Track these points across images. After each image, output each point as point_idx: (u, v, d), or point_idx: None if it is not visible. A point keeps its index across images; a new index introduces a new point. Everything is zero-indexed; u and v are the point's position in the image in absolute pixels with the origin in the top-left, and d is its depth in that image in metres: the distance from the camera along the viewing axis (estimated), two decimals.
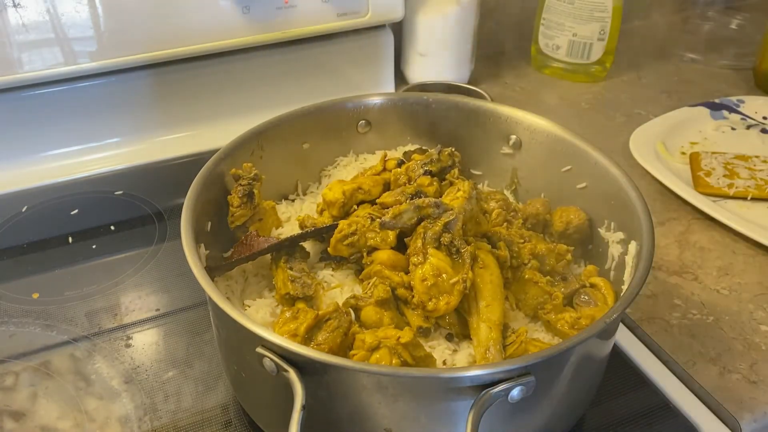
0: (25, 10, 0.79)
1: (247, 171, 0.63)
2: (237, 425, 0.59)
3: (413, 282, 0.55)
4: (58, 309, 0.70)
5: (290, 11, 0.91)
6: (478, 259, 0.56)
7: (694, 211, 0.84)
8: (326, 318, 0.53)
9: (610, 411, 0.61)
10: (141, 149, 0.94)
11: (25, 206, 0.84)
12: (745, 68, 1.19)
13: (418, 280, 0.54)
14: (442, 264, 0.54)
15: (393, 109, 0.74)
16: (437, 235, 0.56)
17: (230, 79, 0.96)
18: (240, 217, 0.63)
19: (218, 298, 0.48)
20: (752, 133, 1.00)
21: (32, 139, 0.89)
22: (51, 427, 0.59)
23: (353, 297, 0.56)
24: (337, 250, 0.60)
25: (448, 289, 0.54)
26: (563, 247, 0.62)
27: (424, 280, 0.54)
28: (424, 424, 0.47)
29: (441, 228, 0.56)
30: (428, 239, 0.56)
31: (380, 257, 0.58)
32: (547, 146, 0.68)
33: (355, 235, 0.59)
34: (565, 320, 0.56)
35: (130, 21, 0.84)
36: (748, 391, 0.63)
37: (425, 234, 0.56)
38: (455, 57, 1.07)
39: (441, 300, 0.54)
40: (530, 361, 0.45)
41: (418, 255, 0.56)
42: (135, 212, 0.84)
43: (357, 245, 0.59)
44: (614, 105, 1.08)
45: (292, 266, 0.59)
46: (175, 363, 0.65)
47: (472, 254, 0.55)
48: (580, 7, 1.06)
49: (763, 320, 0.70)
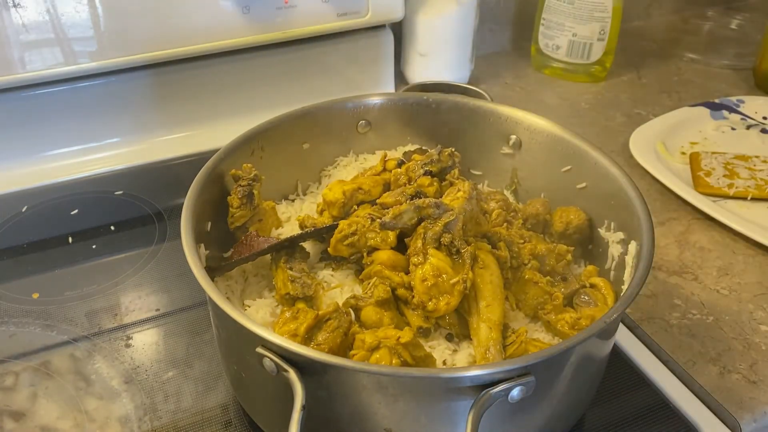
0: (25, 10, 0.79)
1: (247, 172, 0.63)
2: (237, 425, 0.59)
3: (413, 282, 0.55)
4: (58, 309, 0.70)
5: (290, 11, 0.91)
6: (478, 259, 0.56)
7: (694, 211, 0.84)
8: (326, 318, 0.53)
9: (610, 411, 0.61)
10: (141, 149, 0.94)
11: (25, 206, 0.84)
12: (745, 68, 1.19)
13: (418, 281, 0.54)
14: (442, 264, 0.54)
15: (393, 109, 0.74)
16: (437, 235, 0.56)
17: (230, 79, 0.96)
18: (240, 218, 0.63)
19: (218, 298, 0.48)
20: (752, 133, 1.00)
21: (32, 139, 0.89)
22: (51, 427, 0.59)
23: (353, 297, 0.56)
24: (337, 251, 0.60)
25: (448, 290, 0.54)
26: (563, 247, 0.62)
27: (424, 280, 0.54)
28: (424, 424, 0.47)
29: (441, 228, 0.56)
30: (428, 239, 0.56)
31: (380, 257, 0.58)
32: (547, 146, 0.68)
33: (355, 236, 0.59)
34: (566, 321, 0.56)
35: (130, 21, 0.84)
36: (748, 391, 0.63)
37: (425, 234, 0.56)
38: (455, 57, 1.07)
39: (441, 300, 0.54)
40: (530, 361, 0.45)
41: (418, 255, 0.56)
42: (135, 212, 0.84)
43: (357, 245, 0.59)
44: (614, 105, 1.08)
45: (292, 266, 0.59)
46: (175, 363, 0.65)
47: (472, 254, 0.55)
48: (580, 7, 1.06)
49: (763, 320, 0.70)
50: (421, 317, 0.55)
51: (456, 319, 0.56)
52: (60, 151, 0.91)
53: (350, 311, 0.55)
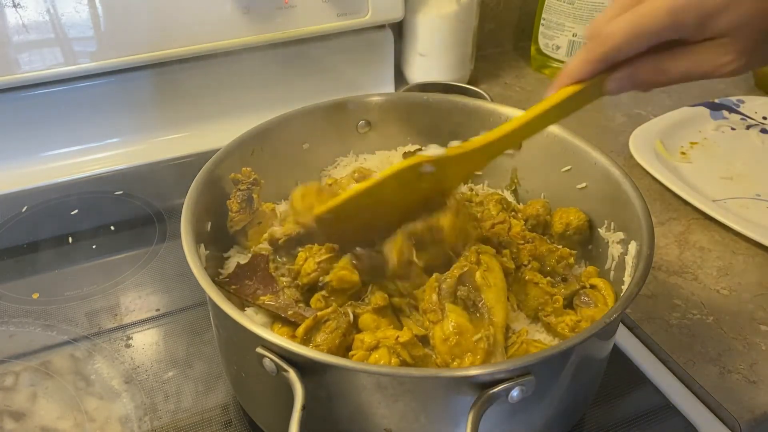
0: (25, 10, 0.79)
1: (246, 175, 0.63)
2: (237, 425, 0.59)
3: (433, 341, 0.52)
4: (58, 309, 0.70)
5: (290, 11, 0.91)
6: (481, 261, 0.55)
7: (694, 211, 0.84)
8: (325, 319, 0.52)
9: (610, 411, 0.61)
10: (141, 149, 0.94)
11: (25, 206, 0.84)
12: None
13: (439, 340, 0.52)
14: (462, 320, 0.52)
15: (393, 109, 0.74)
16: (452, 289, 0.53)
17: (230, 79, 0.96)
18: (239, 221, 0.62)
19: (218, 298, 0.48)
20: (752, 133, 1.00)
21: (32, 139, 0.89)
22: (51, 427, 0.59)
23: (350, 304, 0.55)
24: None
25: (471, 348, 0.51)
26: (566, 250, 0.62)
27: (446, 339, 0.51)
28: (424, 424, 0.47)
29: (455, 281, 0.54)
30: (444, 293, 0.53)
31: (365, 321, 0.55)
32: (547, 146, 0.68)
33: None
34: (566, 323, 0.56)
35: (130, 21, 0.84)
36: (748, 391, 0.63)
37: (440, 287, 0.54)
38: (455, 57, 1.07)
39: (466, 359, 0.51)
40: (530, 361, 0.45)
41: (435, 312, 0.53)
42: (135, 212, 0.84)
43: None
44: (614, 105, 1.08)
45: (282, 273, 0.59)
46: (175, 363, 0.65)
47: (489, 309, 0.53)
48: (580, 7, 1.06)
49: (763, 320, 0.70)
50: (418, 326, 0.55)
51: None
52: (60, 151, 0.91)
53: (348, 312, 0.54)
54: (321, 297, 0.56)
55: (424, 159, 0.52)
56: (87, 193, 0.87)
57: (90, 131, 0.92)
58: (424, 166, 0.52)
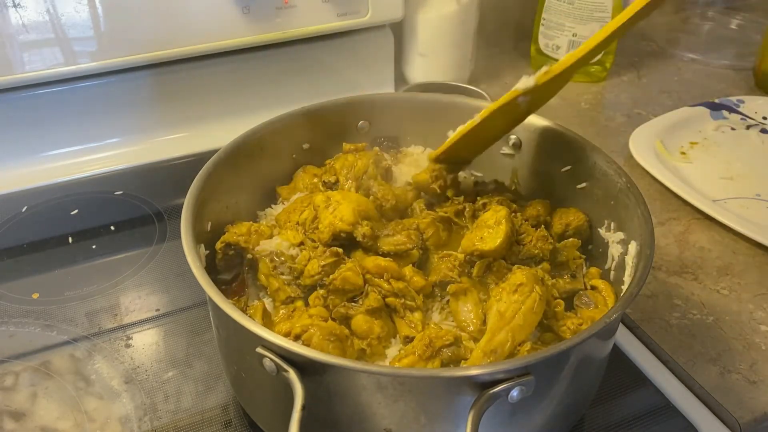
0: (25, 10, 0.79)
1: (242, 241, 0.61)
2: (237, 425, 0.59)
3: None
4: (58, 309, 0.70)
5: (290, 11, 0.91)
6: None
7: (694, 211, 0.84)
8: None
9: (610, 411, 0.61)
10: (141, 149, 0.94)
11: (25, 206, 0.84)
12: (745, 68, 1.19)
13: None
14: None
15: (393, 109, 0.74)
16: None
17: (230, 79, 0.96)
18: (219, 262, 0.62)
19: (218, 298, 0.48)
20: (752, 133, 1.00)
21: (32, 139, 0.89)
22: (51, 427, 0.59)
23: (343, 306, 0.55)
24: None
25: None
26: (576, 252, 0.62)
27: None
28: (424, 424, 0.47)
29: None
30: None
31: (368, 265, 0.56)
32: (547, 146, 0.68)
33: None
34: (567, 326, 0.56)
35: (130, 21, 0.84)
36: (748, 391, 0.63)
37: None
38: (455, 57, 1.07)
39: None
40: (530, 361, 0.45)
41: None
42: (135, 212, 0.84)
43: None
44: (614, 105, 1.08)
45: (282, 271, 0.59)
46: (175, 363, 0.65)
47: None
48: (580, 7, 1.06)
49: (763, 320, 0.70)
50: (410, 326, 0.55)
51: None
52: (60, 151, 0.91)
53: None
54: (319, 296, 0.56)
55: (519, 92, 0.57)
56: (87, 193, 0.87)
57: (90, 131, 0.92)
58: (519, 98, 0.58)
